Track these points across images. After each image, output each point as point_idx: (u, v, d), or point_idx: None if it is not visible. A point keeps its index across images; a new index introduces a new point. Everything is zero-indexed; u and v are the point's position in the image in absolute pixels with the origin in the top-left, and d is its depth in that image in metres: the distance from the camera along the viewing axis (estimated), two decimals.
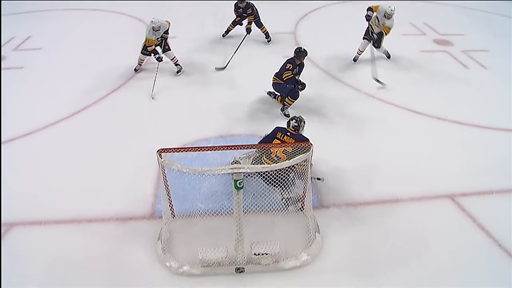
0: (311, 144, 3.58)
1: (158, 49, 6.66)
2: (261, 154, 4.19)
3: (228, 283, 3.47)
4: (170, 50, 6.84)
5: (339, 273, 3.57)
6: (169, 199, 3.85)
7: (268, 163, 4.02)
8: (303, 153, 3.47)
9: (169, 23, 6.58)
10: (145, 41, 6.55)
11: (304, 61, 5.60)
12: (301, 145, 3.66)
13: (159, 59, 6.59)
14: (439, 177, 4.62)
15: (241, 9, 7.66)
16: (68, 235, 3.92)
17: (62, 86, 6.54)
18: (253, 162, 4.32)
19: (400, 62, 7.37)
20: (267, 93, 6.06)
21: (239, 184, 3.09)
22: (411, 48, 7.68)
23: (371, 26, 6.87)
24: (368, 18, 6.75)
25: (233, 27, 8.07)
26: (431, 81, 6.76)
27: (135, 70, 6.98)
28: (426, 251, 3.77)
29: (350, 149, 4.99)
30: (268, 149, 4.05)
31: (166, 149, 3.39)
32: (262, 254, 3.48)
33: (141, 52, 6.76)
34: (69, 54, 7.69)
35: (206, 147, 3.57)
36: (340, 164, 4.72)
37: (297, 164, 3.48)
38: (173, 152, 3.41)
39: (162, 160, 3.35)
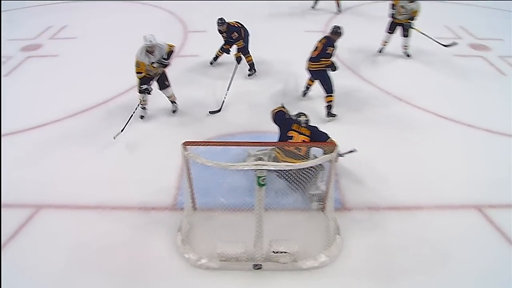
0: (336, 145, 3.53)
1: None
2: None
3: (245, 279, 3.48)
4: (169, 86, 5.42)
5: (357, 277, 3.52)
6: (191, 192, 3.89)
7: (290, 161, 4.04)
8: (327, 152, 3.45)
9: (171, 48, 5.20)
10: (135, 66, 5.03)
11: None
12: (325, 144, 3.65)
13: (146, 91, 5.16)
14: (466, 187, 4.48)
15: (224, 33, 6.31)
16: (92, 221, 4.04)
17: (93, 74, 6.75)
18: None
19: (432, 66, 7.16)
20: (303, 95, 6.08)
21: (262, 181, 3.09)
22: (445, 52, 7.42)
23: (395, 18, 7.08)
24: (392, 14, 7.06)
25: (222, 54, 6.80)
26: (464, 86, 6.53)
27: (141, 117, 5.50)
28: (449, 262, 3.66)
29: (375, 152, 4.87)
30: (287, 148, 4.09)
31: (191, 142, 3.42)
32: (281, 253, 3.47)
33: (139, 91, 5.24)
34: (102, 43, 7.91)
35: (231, 142, 3.60)
36: (364, 167, 4.64)
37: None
38: (198, 145, 3.44)
39: (187, 152, 3.38)
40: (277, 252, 3.47)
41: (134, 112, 5.29)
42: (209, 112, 5.69)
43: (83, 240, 3.82)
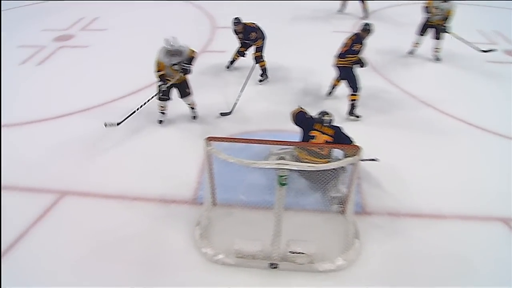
0: (359, 148, 3.47)
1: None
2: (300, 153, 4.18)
3: (260, 277, 3.48)
4: (190, 94, 5.24)
5: (374, 283, 3.46)
6: (212, 187, 3.92)
7: (312, 160, 4.01)
8: (349, 155, 3.41)
9: (193, 53, 4.99)
10: (155, 66, 4.94)
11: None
12: (348, 147, 3.61)
13: (162, 95, 5.02)
14: (492, 198, 4.33)
15: (241, 34, 6.12)
16: (113, 210, 4.12)
17: (122, 66, 6.89)
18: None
19: (463, 71, 6.96)
20: (328, 94, 6.07)
21: (283, 180, 3.07)
22: (477, 57, 7.19)
23: (430, 21, 6.97)
24: (427, 19, 6.96)
25: (238, 57, 6.58)
26: (496, 94, 6.32)
27: (160, 122, 5.38)
28: (469, 274, 3.55)
29: (399, 157, 4.78)
30: (309, 148, 4.07)
31: (214, 137, 3.43)
32: (298, 253, 3.45)
33: (159, 98, 5.11)
34: (131, 36, 8.06)
35: (253, 140, 3.58)
36: (387, 172, 4.55)
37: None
38: (221, 141, 3.45)
39: (210, 147, 3.40)
40: (294, 253, 3.45)
41: (137, 110, 5.15)
42: (220, 114, 5.59)
43: (103, 228, 3.90)
